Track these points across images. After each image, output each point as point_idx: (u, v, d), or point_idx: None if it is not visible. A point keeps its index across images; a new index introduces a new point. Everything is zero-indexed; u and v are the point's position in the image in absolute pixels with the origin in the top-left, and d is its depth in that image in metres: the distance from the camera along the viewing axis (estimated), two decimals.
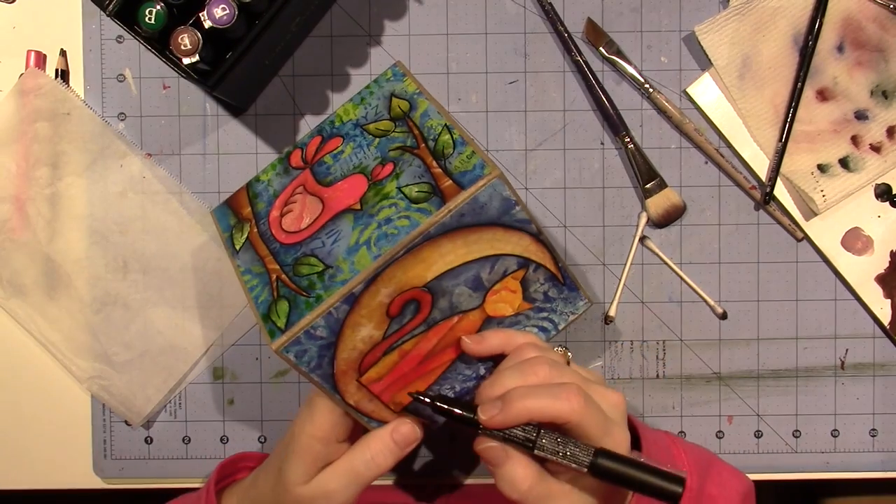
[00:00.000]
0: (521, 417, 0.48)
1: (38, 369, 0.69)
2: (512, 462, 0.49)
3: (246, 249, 0.55)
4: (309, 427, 0.53)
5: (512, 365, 0.52)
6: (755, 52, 0.67)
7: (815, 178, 0.67)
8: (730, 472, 0.61)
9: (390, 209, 0.50)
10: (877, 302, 0.68)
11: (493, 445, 0.50)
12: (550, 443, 0.48)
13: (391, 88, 0.56)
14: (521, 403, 0.48)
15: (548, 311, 0.55)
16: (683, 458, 0.59)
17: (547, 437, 0.48)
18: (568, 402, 0.48)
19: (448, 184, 0.49)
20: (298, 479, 0.54)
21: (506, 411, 0.48)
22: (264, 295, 0.52)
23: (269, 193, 0.57)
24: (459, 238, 0.50)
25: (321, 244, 0.51)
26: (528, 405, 0.48)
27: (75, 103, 0.68)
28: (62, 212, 0.68)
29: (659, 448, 0.59)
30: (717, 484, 0.59)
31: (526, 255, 0.52)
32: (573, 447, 0.48)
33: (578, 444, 0.48)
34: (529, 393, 0.49)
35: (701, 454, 0.61)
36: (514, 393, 0.49)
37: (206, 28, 0.58)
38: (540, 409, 0.48)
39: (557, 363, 0.51)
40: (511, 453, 0.49)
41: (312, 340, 0.49)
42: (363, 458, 0.54)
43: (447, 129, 0.52)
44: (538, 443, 0.48)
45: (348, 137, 0.56)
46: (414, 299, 0.51)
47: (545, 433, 0.49)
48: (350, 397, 0.52)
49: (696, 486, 0.58)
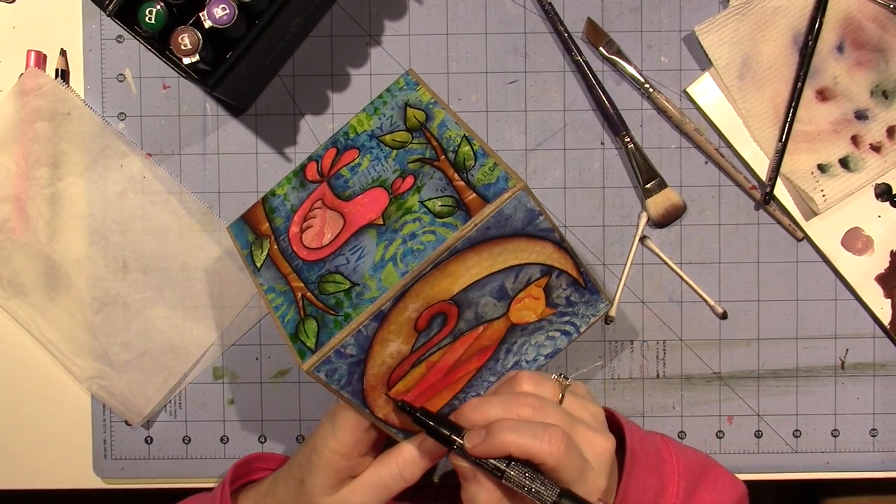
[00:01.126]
0: (502, 450, 0.50)
1: (38, 369, 0.69)
2: (478, 484, 0.51)
3: (267, 267, 0.54)
4: (332, 442, 0.54)
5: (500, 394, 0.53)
6: (755, 52, 0.67)
7: (815, 178, 0.67)
8: (725, 477, 0.61)
9: (414, 224, 0.50)
10: (877, 302, 0.68)
11: (463, 465, 0.51)
12: (518, 476, 0.50)
13: (405, 98, 0.56)
14: (503, 437, 0.49)
15: (570, 314, 0.56)
16: (674, 463, 0.59)
17: (516, 469, 0.50)
18: (548, 445, 0.49)
19: (472, 197, 0.49)
20: (322, 492, 0.54)
21: (488, 442, 0.50)
22: (291, 314, 0.51)
23: (286, 208, 0.56)
24: (485, 250, 0.50)
25: (345, 261, 0.51)
26: (510, 440, 0.49)
27: (75, 103, 0.68)
28: (62, 212, 0.68)
29: (648, 451, 0.59)
30: (713, 490, 0.59)
31: (549, 263, 0.52)
32: (539, 484, 0.49)
33: (545, 482, 0.49)
34: (513, 428, 0.50)
35: (695, 458, 0.61)
36: (499, 426, 0.50)
37: (206, 28, 0.58)
38: (520, 445, 0.49)
39: (545, 402, 0.52)
40: (479, 476, 0.51)
41: (343, 359, 0.49)
42: (391, 472, 0.54)
43: (467, 140, 0.52)
44: (507, 473, 0.50)
45: (364, 149, 0.55)
46: (441, 312, 0.51)
47: (515, 465, 0.50)
48: (379, 411, 0.53)
49: (684, 492, 0.58)
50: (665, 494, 0.57)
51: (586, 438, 0.52)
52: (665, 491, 0.57)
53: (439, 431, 0.51)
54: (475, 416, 0.52)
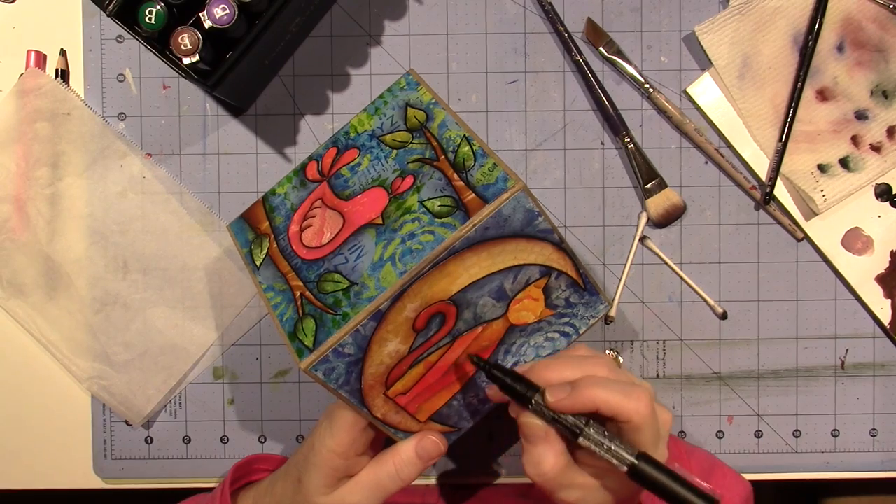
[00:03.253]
0: (587, 406, 0.48)
1: (38, 369, 0.69)
2: (547, 445, 0.49)
3: (267, 265, 0.55)
4: (329, 441, 0.54)
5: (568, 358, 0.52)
6: (755, 52, 0.67)
7: (815, 178, 0.67)
8: (732, 475, 0.61)
9: (413, 224, 0.50)
10: (877, 302, 0.68)
11: (536, 423, 0.50)
12: (597, 434, 0.48)
13: (406, 98, 0.56)
14: (592, 391, 0.48)
15: (569, 316, 0.56)
16: (684, 460, 0.59)
17: (595, 427, 0.48)
18: (637, 403, 0.48)
19: (471, 197, 0.49)
20: (319, 491, 0.54)
21: (574, 396, 0.48)
22: (289, 312, 0.51)
23: (286, 207, 0.56)
24: (484, 251, 0.50)
25: (344, 260, 0.51)
26: (599, 395, 0.48)
27: (75, 103, 0.68)
28: (62, 212, 0.68)
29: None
30: (721, 487, 0.59)
31: (548, 264, 0.52)
32: (618, 444, 0.48)
33: (623, 443, 0.48)
34: (602, 384, 0.48)
35: (704, 457, 0.61)
36: (587, 380, 0.49)
37: (206, 28, 0.58)
38: (609, 401, 0.48)
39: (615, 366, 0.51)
40: (550, 436, 0.49)
41: (340, 358, 0.49)
42: (388, 472, 0.54)
43: (466, 140, 0.52)
44: (586, 431, 0.48)
45: (365, 149, 0.55)
46: (439, 312, 0.51)
47: (593, 424, 0.49)
48: (377, 411, 0.53)
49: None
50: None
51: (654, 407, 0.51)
52: None
53: (514, 388, 0.50)
54: (550, 375, 0.50)
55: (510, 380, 0.50)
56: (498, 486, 0.69)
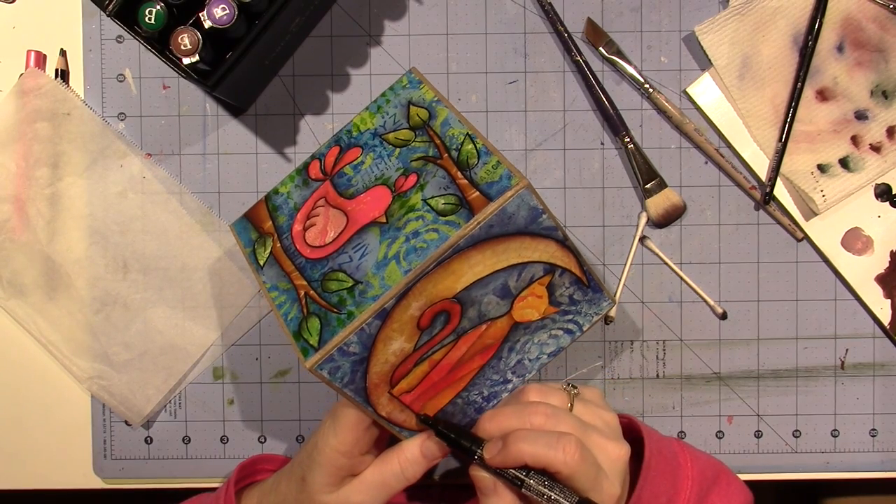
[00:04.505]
0: (517, 460, 0.50)
1: (38, 369, 0.69)
2: (497, 497, 0.52)
3: (270, 265, 0.55)
4: (333, 440, 0.54)
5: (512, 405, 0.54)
6: (755, 52, 0.67)
7: (815, 178, 0.67)
8: (737, 484, 0.61)
9: (417, 222, 0.50)
10: (877, 302, 0.68)
11: (483, 476, 0.52)
12: (538, 484, 0.50)
13: (408, 96, 0.56)
14: (518, 447, 0.50)
15: (573, 313, 0.56)
16: (688, 468, 0.59)
17: (535, 478, 0.51)
18: (563, 454, 0.49)
19: (475, 195, 0.49)
20: (323, 490, 0.55)
21: (504, 453, 0.51)
22: (293, 312, 0.52)
23: (289, 206, 0.56)
24: (488, 248, 0.50)
25: (348, 259, 0.51)
26: (525, 449, 0.50)
27: (75, 103, 0.68)
28: (62, 212, 0.68)
29: (665, 456, 0.59)
30: (724, 496, 0.59)
31: (552, 261, 0.52)
32: (558, 492, 0.50)
33: (564, 490, 0.50)
34: (528, 438, 0.50)
35: (710, 464, 0.61)
36: (514, 436, 0.51)
37: (206, 28, 0.58)
38: (535, 455, 0.50)
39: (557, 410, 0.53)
40: (499, 488, 0.52)
41: (345, 357, 0.49)
42: (392, 471, 0.55)
43: (469, 138, 0.52)
44: (526, 483, 0.51)
45: (367, 147, 0.55)
46: (444, 310, 0.51)
47: (534, 474, 0.51)
48: (382, 409, 0.53)
49: (696, 497, 0.58)
50: (677, 499, 0.57)
51: (599, 445, 0.52)
52: (677, 496, 0.58)
53: (461, 443, 0.52)
54: (490, 427, 0.53)
55: (455, 435, 0.53)
56: None
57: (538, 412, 0.52)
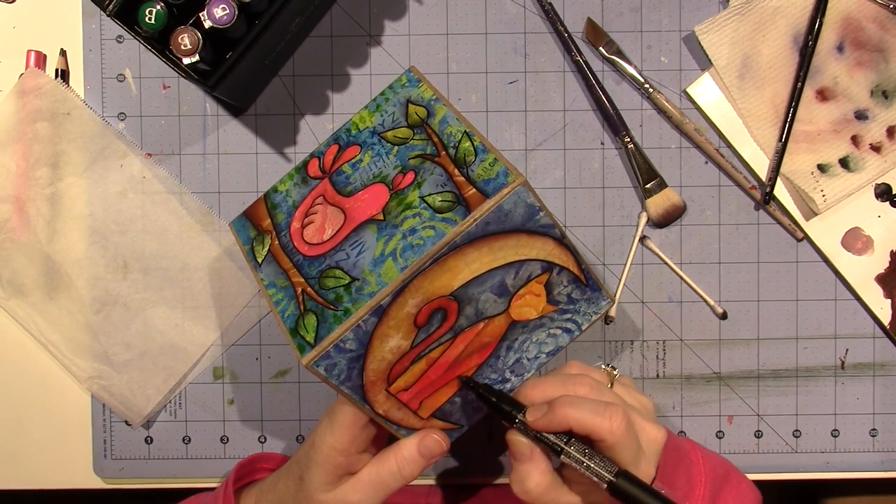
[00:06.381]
0: (563, 424, 0.50)
1: (38, 369, 0.69)
2: (532, 463, 0.51)
3: (268, 262, 0.55)
4: (329, 439, 0.54)
5: (554, 375, 0.54)
6: (755, 52, 0.67)
7: (815, 178, 0.67)
8: (746, 484, 0.61)
9: (414, 219, 0.50)
10: (877, 302, 0.68)
11: (521, 440, 0.52)
12: (578, 451, 0.50)
13: (407, 94, 0.56)
14: (565, 411, 0.50)
15: (571, 312, 0.56)
16: (701, 465, 0.59)
17: (576, 445, 0.50)
18: (610, 422, 0.49)
19: (472, 192, 0.49)
20: (320, 488, 0.55)
21: (549, 416, 0.50)
22: (291, 309, 0.52)
23: (288, 204, 0.56)
24: (485, 246, 0.50)
25: (345, 256, 0.51)
26: (572, 414, 0.50)
27: (75, 103, 0.68)
28: (62, 212, 0.68)
29: (679, 452, 0.59)
30: (735, 494, 0.59)
31: (550, 259, 0.52)
32: (598, 461, 0.50)
33: (604, 460, 0.50)
34: (576, 403, 0.50)
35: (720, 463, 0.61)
36: (561, 400, 0.50)
37: (206, 28, 0.58)
38: (582, 420, 0.49)
39: (600, 383, 0.53)
40: (535, 454, 0.51)
41: (342, 353, 0.49)
42: (390, 469, 0.54)
43: (467, 135, 0.52)
44: (566, 449, 0.50)
45: (366, 146, 0.56)
46: (441, 308, 0.51)
47: (575, 441, 0.50)
48: (379, 407, 0.53)
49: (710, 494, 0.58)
50: (692, 496, 0.57)
51: (639, 425, 0.52)
52: (692, 492, 0.57)
53: (501, 407, 0.52)
54: (534, 394, 0.53)
55: (496, 399, 0.52)
56: (498, 487, 0.69)
57: (583, 383, 0.52)
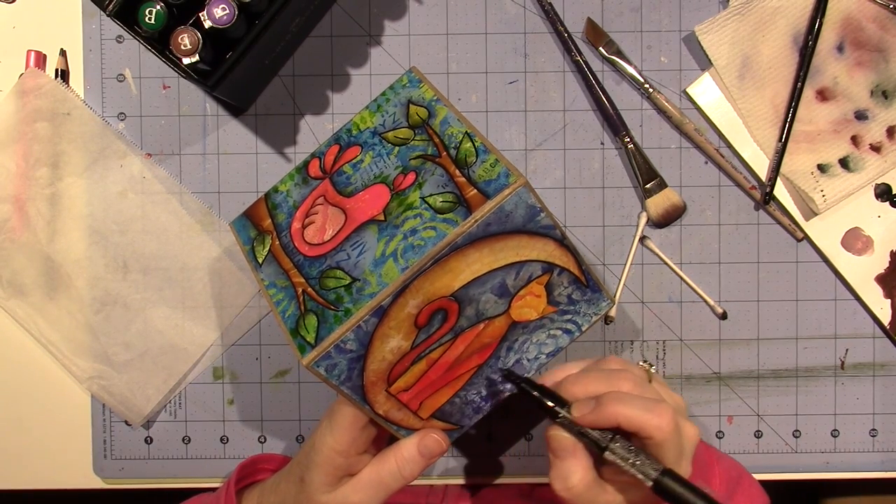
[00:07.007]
0: (610, 421, 0.49)
1: (38, 369, 0.69)
2: (574, 460, 0.50)
3: (269, 262, 0.55)
4: (329, 440, 0.54)
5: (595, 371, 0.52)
6: (755, 52, 0.67)
7: (815, 178, 0.67)
8: (757, 487, 0.61)
9: (415, 220, 0.50)
10: (877, 302, 0.68)
11: (564, 436, 0.50)
12: (623, 448, 0.49)
13: (408, 95, 0.56)
14: (614, 407, 0.49)
15: (572, 313, 0.56)
16: (715, 467, 0.59)
17: (620, 442, 0.49)
18: (659, 420, 0.48)
19: (473, 193, 0.49)
20: (321, 489, 0.55)
21: (597, 412, 0.49)
22: (291, 309, 0.52)
23: (288, 204, 0.56)
24: (486, 247, 0.50)
25: (346, 256, 0.51)
26: (621, 411, 0.48)
27: (75, 103, 0.68)
28: (62, 212, 0.68)
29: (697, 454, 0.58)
30: (747, 497, 0.59)
31: (550, 260, 0.52)
32: (644, 458, 0.49)
33: (649, 457, 0.49)
34: (625, 400, 0.49)
35: (732, 465, 0.61)
36: (610, 396, 0.49)
37: (206, 28, 0.58)
38: (631, 417, 0.48)
39: (643, 380, 0.52)
40: (578, 451, 0.50)
41: (342, 354, 0.49)
42: (390, 470, 0.54)
43: (468, 136, 0.52)
44: (611, 446, 0.49)
45: (367, 146, 0.56)
46: (441, 309, 0.51)
47: (619, 438, 0.49)
48: (379, 407, 0.53)
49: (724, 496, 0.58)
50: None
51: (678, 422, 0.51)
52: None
53: (543, 402, 0.51)
54: (576, 390, 0.51)
55: (539, 394, 0.51)
56: (499, 487, 0.69)
57: (626, 379, 0.51)
